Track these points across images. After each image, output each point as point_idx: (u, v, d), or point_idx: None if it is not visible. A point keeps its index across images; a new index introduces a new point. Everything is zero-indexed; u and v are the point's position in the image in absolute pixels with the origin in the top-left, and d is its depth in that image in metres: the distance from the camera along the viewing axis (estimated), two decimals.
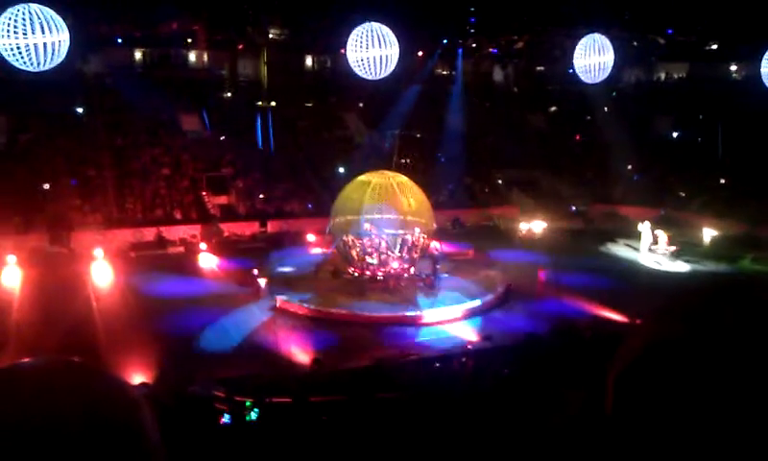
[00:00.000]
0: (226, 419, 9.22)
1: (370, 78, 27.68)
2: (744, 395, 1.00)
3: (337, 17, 32.98)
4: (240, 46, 36.75)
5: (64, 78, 27.31)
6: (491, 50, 42.37)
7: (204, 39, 35.99)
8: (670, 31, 40.50)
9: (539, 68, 43.47)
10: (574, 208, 31.65)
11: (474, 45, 41.76)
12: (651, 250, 23.89)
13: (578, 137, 39.38)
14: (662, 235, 23.89)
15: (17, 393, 0.98)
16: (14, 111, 29.50)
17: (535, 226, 27.87)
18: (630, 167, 34.70)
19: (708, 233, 25.70)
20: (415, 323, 17.02)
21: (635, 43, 39.79)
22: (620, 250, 25.63)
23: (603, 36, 30.05)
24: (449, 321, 17.09)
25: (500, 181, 35.43)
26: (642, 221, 24.57)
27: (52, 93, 28.05)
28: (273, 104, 35.43)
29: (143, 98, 31.18)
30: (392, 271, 19.42)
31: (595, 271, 21.49)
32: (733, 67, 41.64)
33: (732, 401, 1.01)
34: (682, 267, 22.86)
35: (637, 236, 24.46)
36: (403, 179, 20.56)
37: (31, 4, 22.59)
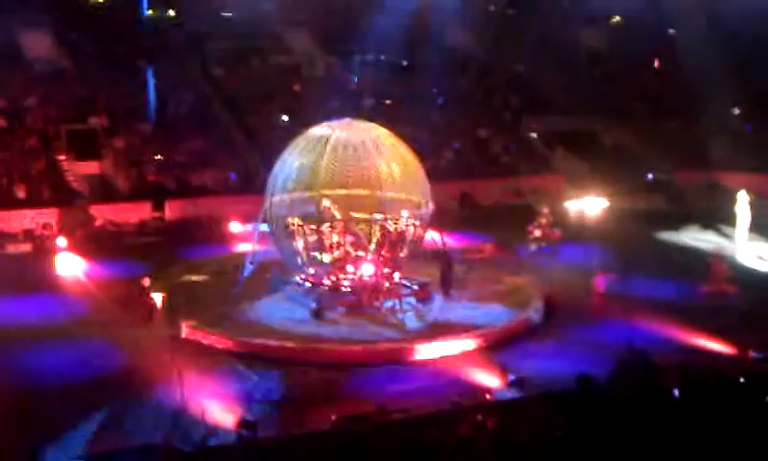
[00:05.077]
0: None
1: None
2: None
3: None
4: None
5: None
6: None
7: None
8: None
9: None
10: (651, 176, 31.86)
11: None
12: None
13: (656, 64, 39.58)
14: None
15: None
16: None
17: (590, 204, 28.02)
18: (736, 111, 34.94)
19: None
20: (401, 360, 17.06)
21: None
22: (717, 240, 26.07)
23: None
24: (456, 356, 17.12)
25: (535, 135, 35.55)
26: (743, 192, 25.01)
27: None
28: (171, 13, 35.19)
29: None
30: (365, 279, 19.53)
31: (680, 274, 22.02)
32: None
33: None
34: None
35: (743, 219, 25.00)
36: (382, 132, 20.73)
37: None
